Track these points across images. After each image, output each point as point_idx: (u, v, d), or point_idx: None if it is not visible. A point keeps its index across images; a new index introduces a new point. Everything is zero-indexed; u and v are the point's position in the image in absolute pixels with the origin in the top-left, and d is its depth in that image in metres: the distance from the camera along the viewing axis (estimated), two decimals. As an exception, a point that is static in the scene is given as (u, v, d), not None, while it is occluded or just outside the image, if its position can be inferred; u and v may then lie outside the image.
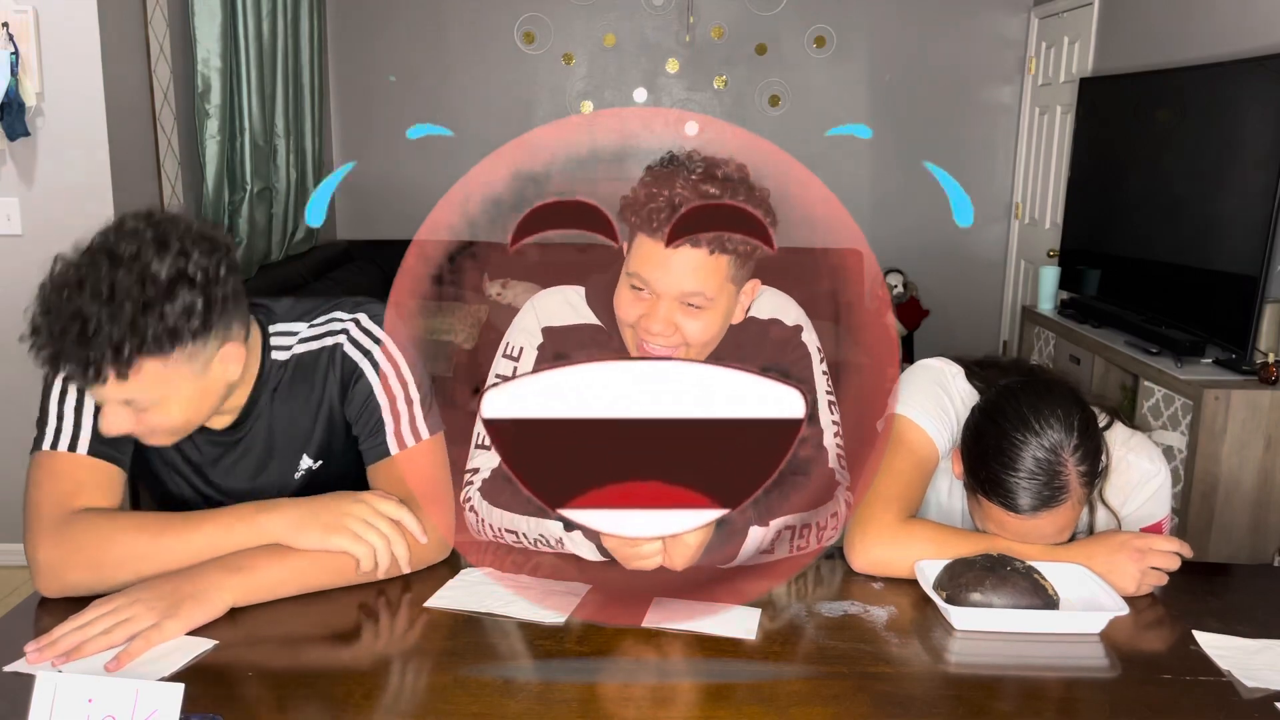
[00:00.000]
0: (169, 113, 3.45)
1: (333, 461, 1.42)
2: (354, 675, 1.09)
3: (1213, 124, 3.24)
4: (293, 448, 1.40)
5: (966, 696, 1.10)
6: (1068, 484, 1.29)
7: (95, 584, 1.21)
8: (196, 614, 1.15)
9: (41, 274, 1.23)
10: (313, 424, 1.39)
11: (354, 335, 1.39)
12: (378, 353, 1.38)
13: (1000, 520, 1.35)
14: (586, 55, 5.05)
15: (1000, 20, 5.05)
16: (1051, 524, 1.33)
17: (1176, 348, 3.14)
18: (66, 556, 1.23)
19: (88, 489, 1.28)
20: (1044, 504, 1.30)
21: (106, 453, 1.30)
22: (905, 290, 5.11)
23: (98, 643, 1.09)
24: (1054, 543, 1.36)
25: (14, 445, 3.13)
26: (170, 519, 1.25)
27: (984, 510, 1.37)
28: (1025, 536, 1.35)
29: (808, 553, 1.40)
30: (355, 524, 1.26)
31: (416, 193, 5.09)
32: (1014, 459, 1.30)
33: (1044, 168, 4.85)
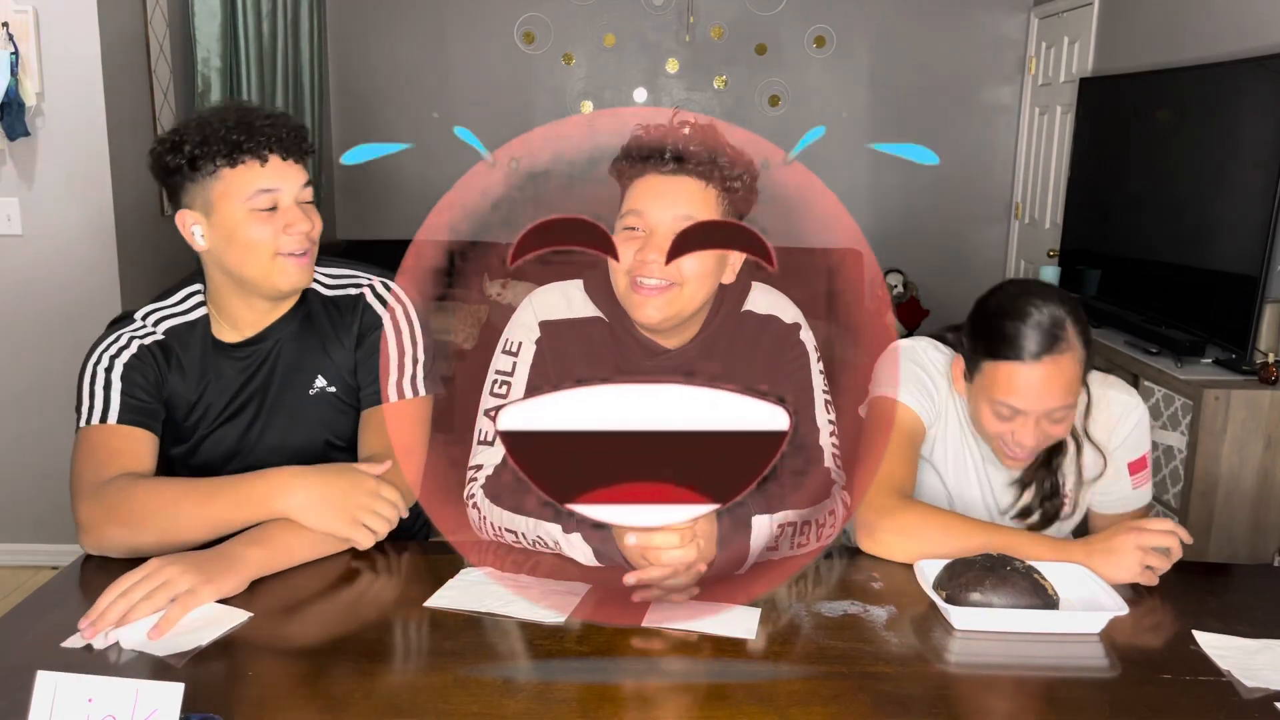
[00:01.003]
0: (169, 113, 3.45)
1: (346, 394, 1.54)
2: (354, 675, 1.09)
3: (1213, 124, 3.24)
4: (309, 366, 1.52)
5: (966, 696, 1.10)
6: (1068, 335, 1.40)
7: (127, 540, 1.33)
8: (227, 580, 1.24)
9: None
10: (330, 351, 1.52)
11: (378, 290, 1.55)
12: (399, 311, 1.53)
13: (1007, 381, 1.41)
14: (586, 55, 5.05)
15: (1000, 20, 5.05)
16: (1058, 377, 1.39)
17: (1176, 348, 3.14)
18: (104, 514, 1.33)
19: (121, 454, 1.40)
20: (1048, 347, 1.39)
21: (135, 419, 1.43)
22: (905, 290, 5.11)
23: (142, 608, 1.16)
24: (1055, 408, 1.40)
25: (15, 446, 3.14)
26: (192, 488, 1.36)
27: (988, 381, 1.44)
28: (1029, 397, 1.40)
29: (808, 551, 1.40)
30: (361, 513, 1.35)
31: (416, 193, 5.09)
32: (1020, 310, 1.42)
33: (1044, 168, 4.85)
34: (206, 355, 1.50)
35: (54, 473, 3.16)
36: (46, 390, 3.04)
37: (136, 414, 1.43)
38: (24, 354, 3.08)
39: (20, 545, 3.19)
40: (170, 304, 1.51)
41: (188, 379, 1.49)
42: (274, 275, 1.42)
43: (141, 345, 1.46)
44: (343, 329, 1.53)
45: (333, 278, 1.56)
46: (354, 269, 1.58)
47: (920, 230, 5.19)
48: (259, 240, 1.39)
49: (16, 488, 3.16)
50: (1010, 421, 1.45)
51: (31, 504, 3.14)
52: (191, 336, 1.50)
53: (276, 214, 1.40)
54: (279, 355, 1.51)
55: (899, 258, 5.17)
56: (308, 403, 1.52)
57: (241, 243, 1.40)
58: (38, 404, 3.08)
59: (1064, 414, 1.43)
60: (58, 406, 3.15)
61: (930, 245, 5.17)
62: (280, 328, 1.51)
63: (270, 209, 1.39)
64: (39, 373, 3.07)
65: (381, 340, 1.51)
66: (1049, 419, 1.43)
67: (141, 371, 1.44)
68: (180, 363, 1.48)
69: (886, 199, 5.19)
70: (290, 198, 1.40)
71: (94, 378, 1.44)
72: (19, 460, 3.14)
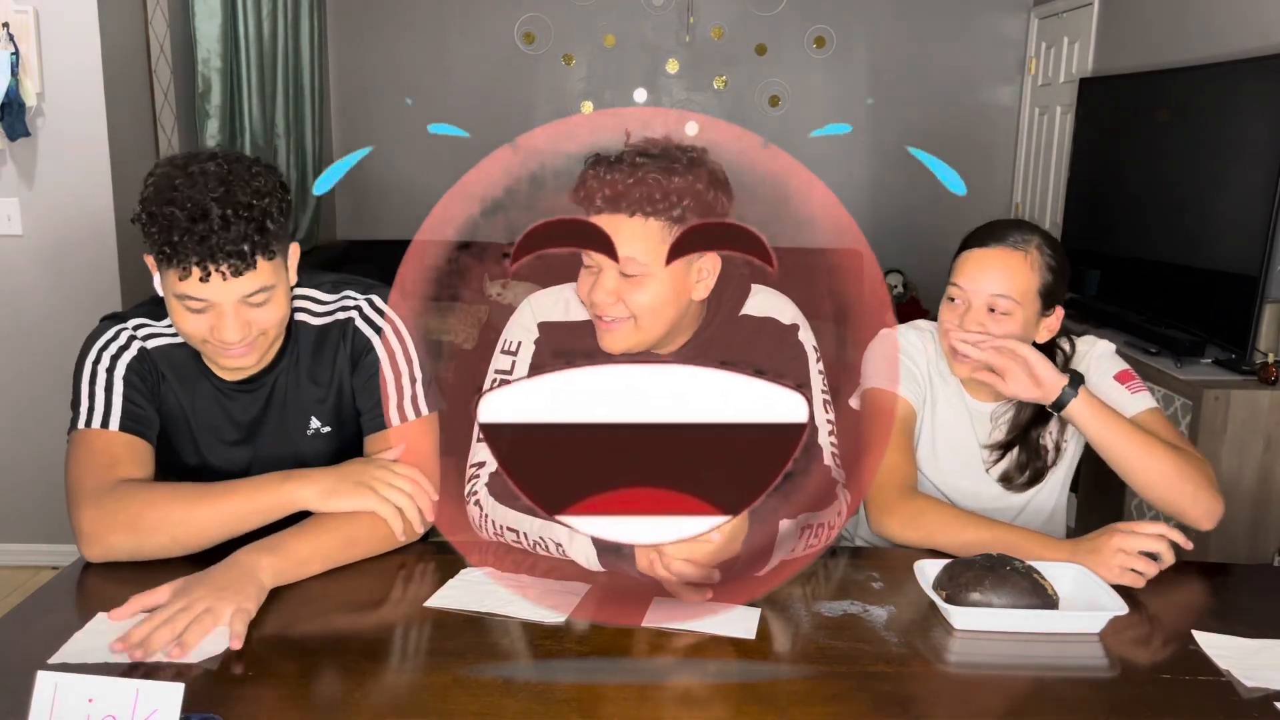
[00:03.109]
0: (169, 113, 3.45)
1: (343, 430, 1.51)
2: (354, 675, 1.09)
3: (1213, 124, 3.24)
4: (303, 408, 1.48)
5: (966, 696, 1.10)
6: (1030, 242, 1.56)
7: (133, 546, 1.31)
8: (246, 593, 1.20)
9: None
10: (325, 391, 1.48)
11: (366, 313, 1.49)
12: (388, 331, 1.49)
13: (962, 265, 1.58)
14: (586, 55, 5.05)
15: (1000, 20, 5.05)
16: (1006, 266, 1.54)
17: (1176, 348, 3.13)
18: (108, 520, 1.31)
19: (123, 462, 1.37)
20: (1006, 240, 1.56)
21: (135, 428, 1.40)
22: (905, 290, 5.11)
23: (162, 634, 1.12)
24: (998, 294, 1.54)
25: (15, 446, 3.14)
26: (204, 487, 1.33)
27: (952, 276, 1.59)
28: (975, 276, 1.55)
29: (813, 550, 1.40)
30: (380, 486, 1.35)
31: (416, 193, 5.09)
32: (998, 221, 1.62)
33: (1044, 168, 4.85)
34: (200, 385, 1.44)
35: (54, 473, 3.14)
36: (46, 390, 3.04)
37: (137, 422, 1.40)
38: (24, 354, 3.08)
39: (20, 545, 3.18)
40: (162, 325, 1.44)
41: (180, 403, 1.44)
42: (207, 356, 1.38)
43: (142, 348, 1.43)
44: (334, 359, 1.48)
45: (322, 304, 1.49)
46: (348, 287, 1.51)
47: (920, 230, 5.19)
48: (184, 331, 1.32)
49: (16, 488, 3.16)
50: (957, 308, 1.58)
51: (31, 504, 3.13)
52: (181, 360, 1.44)
53: (208, 313, 1.29)
54: (271, 398, 1.47)
55: (899, 258, 5.17)
56: (304, 444, 1.49)
57: (174, 323, 1.33)
58: (38, 404, 3.08)
59: (1008, 306, 1.54)
60: (58, 406, 3.14)
61: (930, 245, 5.17)
62: (270, 371, 1.46)
63: (199, 310, 1.29)
64: (39, 373, 3.07)
65: (378, 364, 1.48)
66: (991, 310, 1.55)
67: (141, 375, 1.41)
68: (173, 386, 1.44)
69: (886, 199, 5.19)
70: (227, 304, 1.29)
71: (94, 377, 1.40)
72: (19, 460, 3.13)
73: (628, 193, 1.31)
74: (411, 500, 1.36)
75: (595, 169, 1.35)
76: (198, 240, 1.23)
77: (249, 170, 1.30)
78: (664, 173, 1.31)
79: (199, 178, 1.26)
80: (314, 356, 1.48)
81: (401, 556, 1.39)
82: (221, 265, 1.25)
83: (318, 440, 1.50)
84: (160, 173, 1.29)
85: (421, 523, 1.38)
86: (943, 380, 1.67)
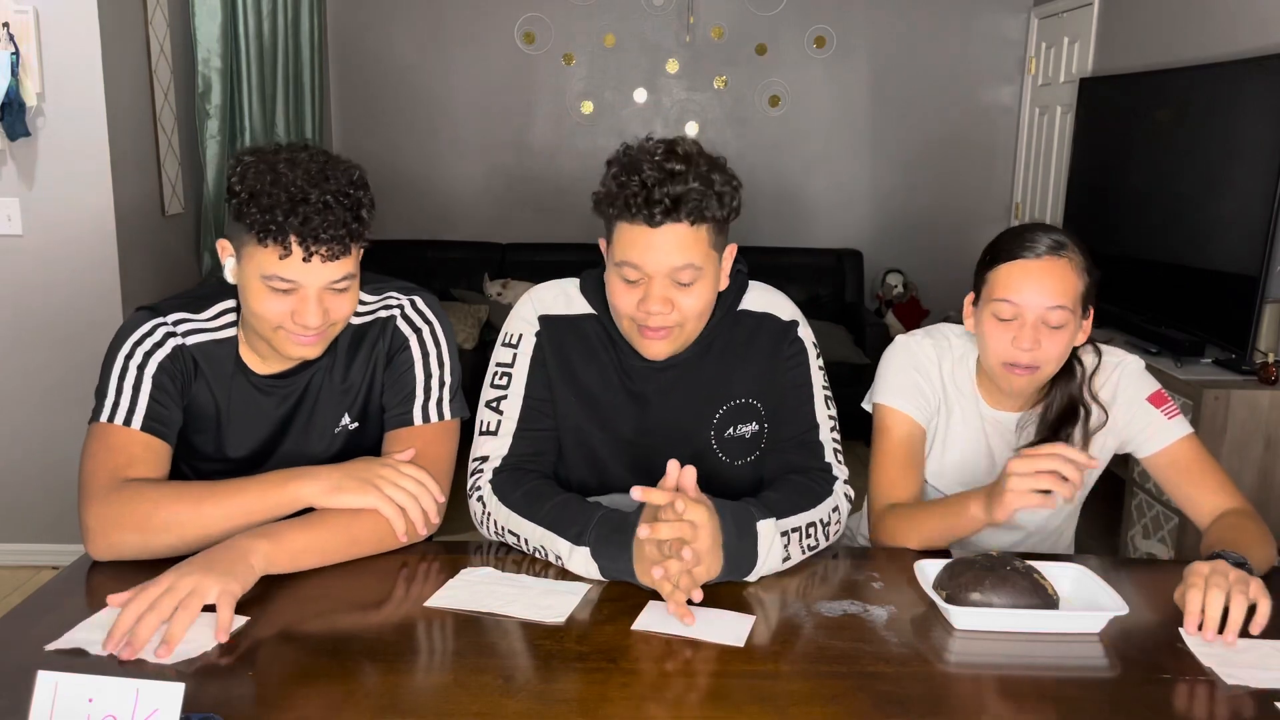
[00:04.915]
0: (169, 113, 3.45)
1: (368, 425, 1.52)
2: (354, 675, 1.09)
3: (1213, 124, 3.24)
4: (336, 405, 1.49)
5: (966, 696, 1.10)
6: (1070, 247, 1.48)
7: (140, 545, 1.30)
8: (234, 573, 1.20)
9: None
10: (358, 386, 1.50)
11: (408, 313, 1.52)
12: (426, 333, 1.51)
13: (1008, 277, 1.48)
14: (586, 55, 5.05)
15: (1000, 20, 5.05)
16: (1058, 275, 1.46)
17: (1176, 348, 3.14)
18: (115, 518, 1.30)
19: (139, 462, 1.36)
20: (1052, 249, 1.47)
21: (157, 429, 1.39)
22: (905, 290, 5.11)
23: (148, 620, 1.11)
24: (1053, 305, 1.45)
25: (15, 445, 3.14)
26: (211, 486, 1.33)
27: (993, 288, 1.49)
28: (1030, 289, 1.46)
29: (816, 551, 1.40)
30: (385, 484, 1.34)
31: (417, 193, 5.09)
32: (1027, 228, 1.53)
33: (1044, 168, 4.85)
34: (235, 380, 1.45)
35: (55, 473, 3.17)
36: (47, 390, 3.04)
37: (159, 422, 1.38)
38: (24, 354, 3.08)
39: (20, 545, 3.18)
40: (202, 318, 1.44)
41: (214, 398, 1.45)
42: (277, 343, 1.37)
43: (178, 346, 1.41)
44: (370, 355, 1.49)
45: (364, 304, 1.50)
46: (394, 289, 1.53)
47: (920, 230, 5.19)
48: (263, 313, 1.33)
49: (17, 487, 3.16)
50: (1010, 325, 1.48)
51: (32, 504, 3.13)
52: (219, 355, 1.44)
53: (291, 295, 1.32)
54: (305, 394, 1.48)
55: (899, 258, 5.17)
56: (333, 441, 1.50)
57: (250, 305, 1.35)
58: (38, 404, 3.08)
59: (1061, 319, 1.46)
60: (58, 406, 3.15)
61: (930, 245, 5.17)
62: (308, 368, 1.47)
63: (285, 290, 1.32)
64: (39, 372, 3.07)
65: (411, 362, 1.49)
66: (1046, 325, 1.46)
67: (171, 375, 1.40)
68: (207, 381, 1.44)
69: (886, 199, 5.19)
70: (312, 289, 1.32)
71: (124, 371, 1.38)
72: (19, 460, 3.13)
73: (687, 200, 1.32)
74: (416, 501, 1.35)
75: (627, 175, 1.33)
76: (301, 221, 1.26)
77: (343, 162, 1.35)
78: (705, 179, 1.33)
79: (300, 164, 1.30)
80: (350, 354, 1.49)
81: (403, 556, 1.39)
82: (321, 248, 1.28)
83: (346, 437, 1.50)
84: (249, 160, 1.31)
85: (425, 524, 1.36)
86: (959, 392, 1.61)
